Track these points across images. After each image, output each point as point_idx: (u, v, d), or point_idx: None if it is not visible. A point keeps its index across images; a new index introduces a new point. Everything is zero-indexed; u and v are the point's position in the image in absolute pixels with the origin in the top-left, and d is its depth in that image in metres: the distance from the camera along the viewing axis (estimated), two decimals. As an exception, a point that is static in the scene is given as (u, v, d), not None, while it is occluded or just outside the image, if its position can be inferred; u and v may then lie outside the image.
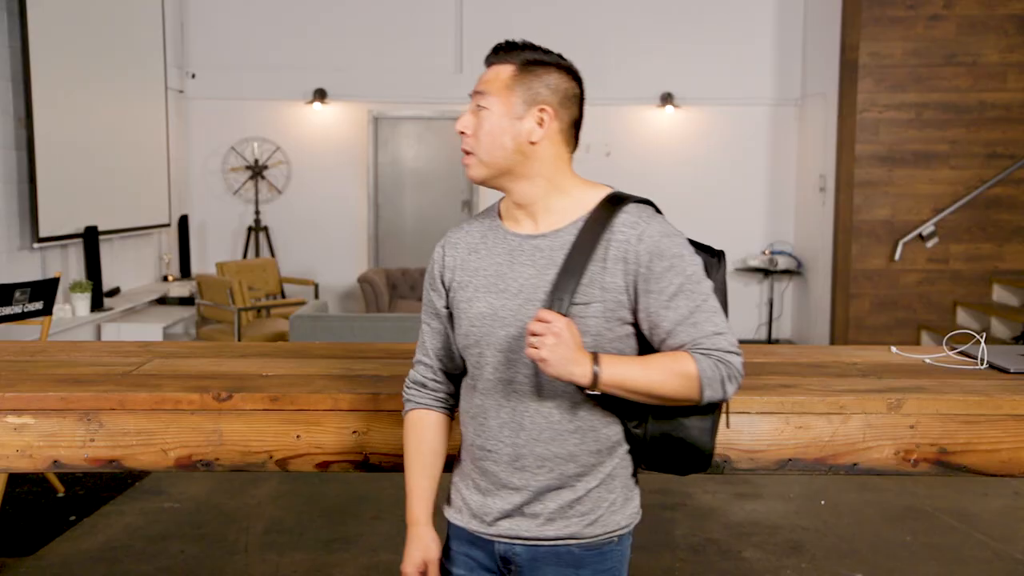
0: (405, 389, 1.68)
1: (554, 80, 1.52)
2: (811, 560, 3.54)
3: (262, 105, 8.06)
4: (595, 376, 1.43)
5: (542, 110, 1.51)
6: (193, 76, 8.00)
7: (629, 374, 1.46)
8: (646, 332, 1.52)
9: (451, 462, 1.68)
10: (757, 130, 8.14)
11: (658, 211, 1.56)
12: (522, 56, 1.53)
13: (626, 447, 1.58)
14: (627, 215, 1.51)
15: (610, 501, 1.56)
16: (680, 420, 1.53)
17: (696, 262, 1.50)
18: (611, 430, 1.56)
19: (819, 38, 7.64)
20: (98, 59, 6.44)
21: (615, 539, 1.58)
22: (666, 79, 7.98)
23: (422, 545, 1.62)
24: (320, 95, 7.93)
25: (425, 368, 1.66)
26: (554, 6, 7.93)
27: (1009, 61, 6.84)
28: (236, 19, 7.97)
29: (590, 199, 1.55)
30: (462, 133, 1.54)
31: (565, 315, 1.45)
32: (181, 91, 7.97)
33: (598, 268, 1.49)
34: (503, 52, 1.54)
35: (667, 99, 7.94)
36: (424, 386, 1.66)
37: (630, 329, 1.52)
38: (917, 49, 6.88)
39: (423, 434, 1.64)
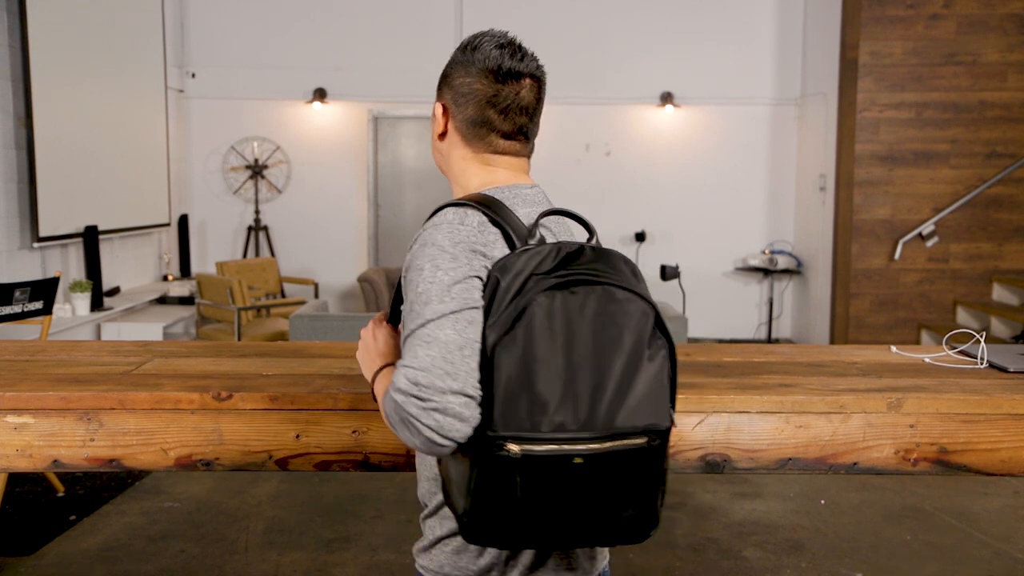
0: None
1: (456, 74, 1.41)
2: (811, 559, 3.54)
3: (262, 105, 8.06)
4: (372, 386, 1.37)
5: (440, 107, 1.44)
6: (193, 76, 8.00)
7: (380, 394, 1.32)
8: None
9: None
10: (757, 130, 8.14)
11: (492, 215, 1.30)
12: (455, 53, 1.43)
13: None
14: (430, 219, 1.35)
15: (436, 536, 1.39)
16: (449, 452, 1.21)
17: (435, 280, 1.23)
18: None
19: (819, 37, 7.64)
20: (98, 59, 6.44)
21: None
22: (666, 79, 7.98)
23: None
24: (320, 95, 7.93)
25: None
26: (554, 6, 7.93)
27: (1009, 60, 6.84)
28: (236, 19, 7.97)
29: None
30: None
31: (390, 321, 1.41)
32: (181, 90, 7.97)
33: None
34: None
35: (667, 99, 7.94)
36: None
37: None
38: (917, 48, 6.88)
39: None
